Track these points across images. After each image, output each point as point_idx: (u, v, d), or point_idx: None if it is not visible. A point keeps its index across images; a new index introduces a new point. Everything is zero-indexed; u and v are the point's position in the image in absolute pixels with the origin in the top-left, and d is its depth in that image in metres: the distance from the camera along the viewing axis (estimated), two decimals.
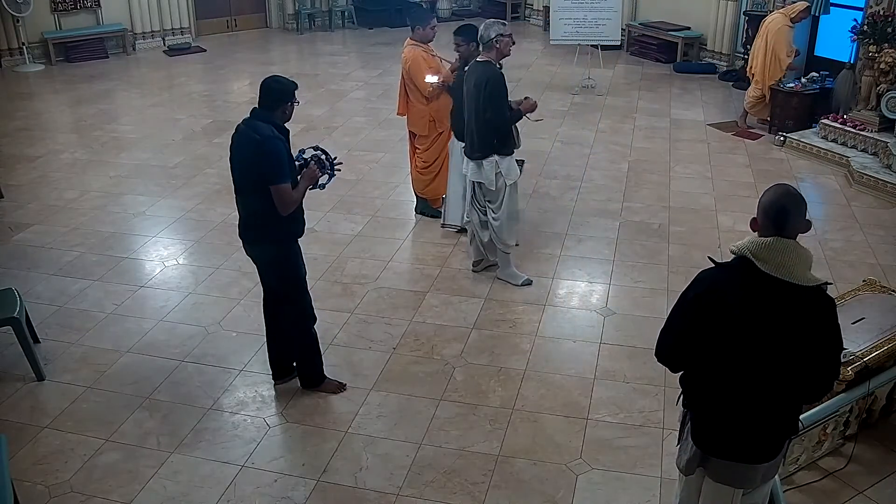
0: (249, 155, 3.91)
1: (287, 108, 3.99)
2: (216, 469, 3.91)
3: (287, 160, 3.95)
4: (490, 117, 5.13)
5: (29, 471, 3.86)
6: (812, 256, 2.61)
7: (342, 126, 9.01)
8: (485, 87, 5.07)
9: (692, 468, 2.86)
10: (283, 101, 3.96)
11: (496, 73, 5.13)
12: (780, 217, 2.57)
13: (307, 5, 14.07)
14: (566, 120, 9.14)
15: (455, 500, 3.73)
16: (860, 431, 4.03)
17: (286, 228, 4.08)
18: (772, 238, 2.56)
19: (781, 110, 8.65)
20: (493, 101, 5.11)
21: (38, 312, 5.11)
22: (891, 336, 4.01)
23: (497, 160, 5.25)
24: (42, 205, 6.90)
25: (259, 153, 3.86)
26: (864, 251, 6.14)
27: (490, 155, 5.23)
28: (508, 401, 4.40)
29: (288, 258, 4.18)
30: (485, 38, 5.14)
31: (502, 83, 5.13)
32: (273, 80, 4.01)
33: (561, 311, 5.32)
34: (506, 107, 5.21)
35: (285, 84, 3.99)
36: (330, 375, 4.57)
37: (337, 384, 4.48)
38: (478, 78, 5.12)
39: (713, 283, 2.64)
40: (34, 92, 10.47)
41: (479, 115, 5.17)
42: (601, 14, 10.35)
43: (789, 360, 2.59)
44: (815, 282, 2.56)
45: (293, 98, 4.00)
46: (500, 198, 5.37)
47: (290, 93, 3.98)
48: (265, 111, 3.95)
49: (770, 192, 2.65)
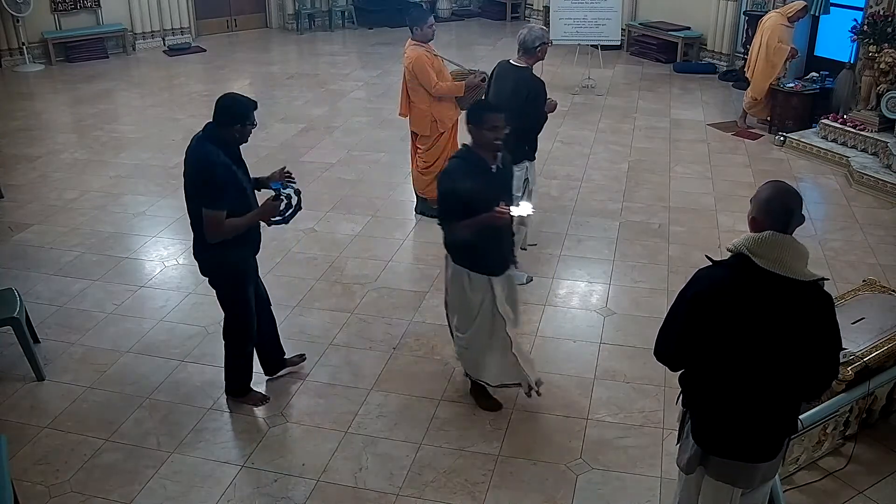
0: (192, 173, 3.78)
1: (240, 131, 3.73)
2: (216, 469, 3.91)
3: (229, 188, 3.72)
4: (529, 126, 5.06)
5: (29, 471, 3.86)
6: (808, 251, 2.62)
7: (342, 126, 9.00)
8: (527, 98, 5.01)
9: (693, 467, 2.86)
10: (235, 122, 3.71)
11: (537, 81, 5.08)
12: (786, 216, 2.58)
13: (307, 5, 14.07)
14: (566, 120, 9.13)
15: (455, 500, 3.73)
16: (860, 431, 4.03)
17: (234, 248, 3.89)
18: (767, 233, 2.56)
19: (781, 110, 8.66)
20: (534, 109, 5.05)
21: (38, 312, 5.11)
22: (891, 336, 4.01)
23: (528, 166, 5.23)
24: (42, 205, 6.90)
25: (197, 174, 3.73)
26: (864, 251, 6.14)
27: (522, 161, 5.13)
28: (508, 401, 4.40)
29: (234, 277, 4.02)
30: (529, 44, 5.09)
31: (543, 91, 5.10)
32: (229, 97, 3.78)
33: (561, 311, 5.32)
34: (545, 115, 5.17)
35: (241, 104, 3.74)
36: (330, 375, 4.58)
37: (260, 396, 4.36)
38: (516, 85, 5.04)
39: (712, 282, 2.64)
40: (34, 92, 10.46)
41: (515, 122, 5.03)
42: (601, 14, 10.36)
43: (789, 356, 2.60)
44: (812, 277, 2.57)
45: (248, 120, 3.73)
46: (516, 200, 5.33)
47: (245, 114, 3.72)
48: (218, 129, 3.74)
49: (767, 190, 2.65)
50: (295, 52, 12.96)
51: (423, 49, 6.07)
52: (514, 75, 5.09)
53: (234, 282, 4.05)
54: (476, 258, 3.90)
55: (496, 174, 3.84)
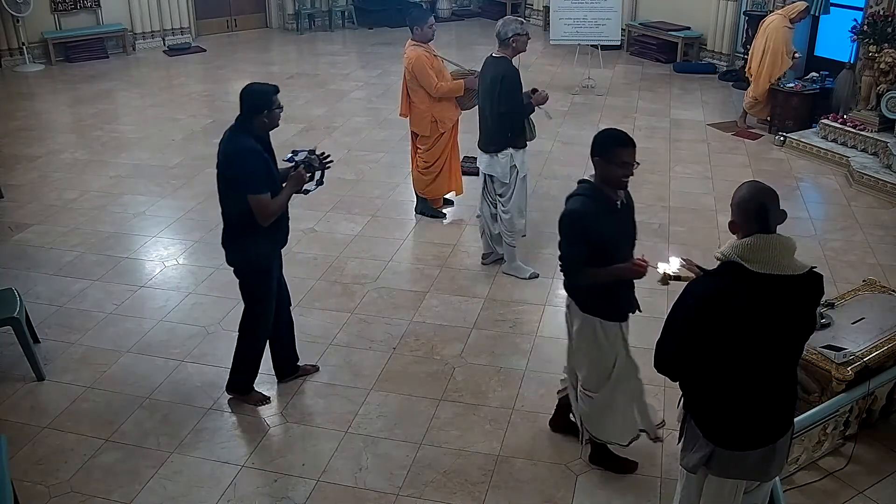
0: (226, 165, 3.88)
1: (268, 116, 3.84)
2: (216, 469, 3.91)
3: (264, 172, 3.84)
4: (505, 111, 5.22)
5: (29, 471, 3.86)
6: (794, 242, 2.64)
7: (342, 126, 9.01)
8: (501, 82, 5.17)
9: (699, 466, 2.86)
10: (260, 109, 3.81)
11: (511, 68, 5.26)
12: (761, 214, 2.61)
13: (307, 5, 14.07)
14: (566, 120, 9.13)
15: (455, 500, 3.73)
16: (860, 431, 4.03)
17: (264, 238, 3.98)
18: (753, 238, 2.59)
19: (781, 110, 8.65)
20: (508, 95, 5.21)
21: (38, 312, 5.11)
22: (891, 336, 4.01)
23: (512, 153, 5.35)
24: (42, 205, 6.90)
25: (234, 164, 3.83)
26: (864, 251, 6.14)
27: (505, 148, 5.34)
28: (508, 401, 4.40)
29: (260, 268, 4.08)
30: (502, 36, 5.27)
31: (517, 78, 5.26)
32: (249, 87, 3.86)
33: (561, 311, 5.26)
34: (520, 100, 5.31)
35: (260, 91, 3.83)
36: (330, 375, 4.58)
37: (260, 396, 4.37)
38: (494, 73, 5.24)
39: (711, 292, 2.65)
40: (34, 92, 10.46)
41: (494, 109, 5.26)
42: (601, 14, 10.35)
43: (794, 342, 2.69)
44: (805, 268, 2.61)
45: (273, 104, 3.83)
46: (511, 191, 5.47)
47: (268, 100, 3.81)
48: (246, 120, 3.84)
49: (742, 191, 2.69)
50: (295, 52, 12.96)
51: (423, 49, 6.06)
52: (493, 66, 5.30)
53: (259, 273, 4.11)
54: (609, 305, 3.54)
55: (622, 211, 3.56)
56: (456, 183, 6.58)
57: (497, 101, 5.22)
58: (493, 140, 5.36)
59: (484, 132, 5.45)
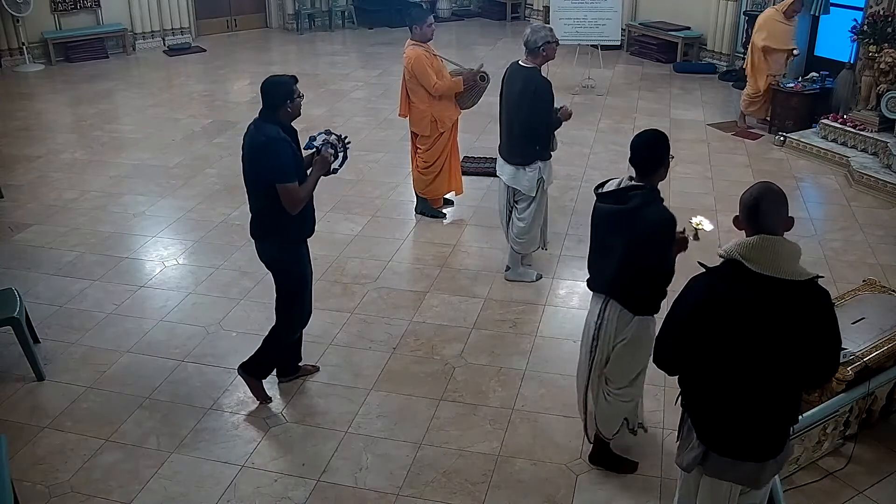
0: (254, 156, 3.94)
1: (290, 106, 3.94)
2: (216, 469, 3.91)
3: (292, 160, 3.92)
4: (536, 125, 5.07)
5: (29, 471, 3.86)
6: (800, 249, 2.63)
7: (342, 126, 8.99)
8: (533, 95, 5.01)
9: (692, 466, 2.86)
10: (282, 100, 3.91)
11: (543, 80, 5.07)
12: (752, 211, 2.61)
13: (307, 5, 14.07)
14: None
15: (455, 500, 3.73)
16: (860, 431, 4.03)
17: (293, 227, 4.08)
18: (756, 237, 2.59)
19: (781, 110, 8.65)
20: (541, 108, 5.05)
21: (38, 312, 5.11)
22: (891, 336, 4.01)
23: (540, 166, 5.21)
24: (42, 205, 6.90)
25: (263, 154, 3.89)
26: (864, 251, 6.14)
27: (533, 161, 5.17)
28: (508, 401, 4.40)
29: (292, 257, 4.17)
30: (531, 45, 5.07)
31: (550, 90, 5.08)
32: (267, 82, 3.96)
33: (561, 311, 5.32)
34: (552, 114, 5.16)
35: (281, 83, 3.93)
36: (330, 375, 4.58)
37: (265, 394, 4.38)
38: (524, 85, 5.05)
39: (711, 288, 2.65)
40: (34, 92, 10.46)
41: (523, 121, 5.11)
42: (601, 14, 10.36)
43: (790, 354, 2.61)
44: (807, 275, 2.58)
45: (292, 94, 3.93)
46: (531, 201, 5.32)
47: (288, 91, 3.92)
48: (270, 112, 3.94)
49: (749, 192, 2.68)
50: (295, 52, 12.95)
51: (423, 49, 6.06)
52: (523, 75, 5.10)
53: (296, 262, 4.17)
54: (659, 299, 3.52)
55: None
56: (456, 183, 6.58)
57: (528, 114, 5.05)
58: (520, 152, 5.18)
59: (508, 142, 5.28)
